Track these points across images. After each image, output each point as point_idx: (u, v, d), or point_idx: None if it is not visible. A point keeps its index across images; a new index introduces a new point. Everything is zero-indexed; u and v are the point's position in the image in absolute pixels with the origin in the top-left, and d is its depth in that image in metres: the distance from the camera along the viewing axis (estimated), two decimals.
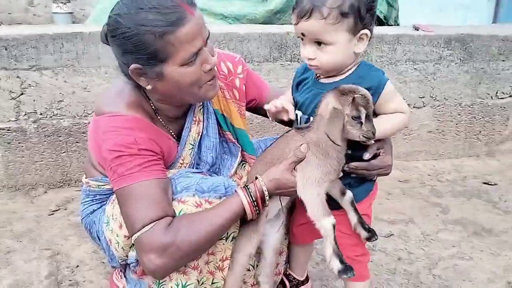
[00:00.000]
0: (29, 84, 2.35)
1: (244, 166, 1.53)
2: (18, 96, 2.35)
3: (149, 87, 1.22)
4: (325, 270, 1.88)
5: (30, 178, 2.51)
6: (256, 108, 1.58)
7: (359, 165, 1.33)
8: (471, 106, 3.08)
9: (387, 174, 1.38)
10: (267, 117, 1.59)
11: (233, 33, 2.51)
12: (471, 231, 2.24)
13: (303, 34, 1.24)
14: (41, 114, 2.41)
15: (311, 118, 1.31)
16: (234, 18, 3.04)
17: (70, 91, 2.40)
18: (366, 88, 1.23)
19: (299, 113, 1.36)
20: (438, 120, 3.04)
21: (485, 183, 2.77)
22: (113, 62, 1.25)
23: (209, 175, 1.33)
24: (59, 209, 2.35)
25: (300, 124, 1.36)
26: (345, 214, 1.38)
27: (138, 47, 1.13)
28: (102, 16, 2.99)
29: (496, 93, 3.11)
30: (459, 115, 3.08)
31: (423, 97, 2.97)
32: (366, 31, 1.23)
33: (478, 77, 3.05)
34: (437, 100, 3.01)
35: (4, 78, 2.31)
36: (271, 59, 2.62)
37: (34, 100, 2.38)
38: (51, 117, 2.42)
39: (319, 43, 1.22)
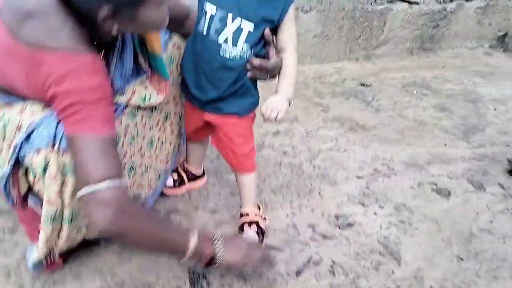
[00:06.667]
0: None
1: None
2: None
3: (114, 33, 1.12)
4: (219, 166, 2.03)
5: None
6: None
7: (263, 62, 1.38)
8: (353, 11, 3.27)
9: (276, 75, 1.47)
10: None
11: None
12: (347, 127, 2.52)
13: None
14: None
15: (228, 15, 1.33)
16: None
17: None
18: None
19: (212, 8, 1.35)
20: (323, 25, 3.21)
21: (361, 84, 3.05)
22: None
23: None
24: None
25: (212, 22, 1.35)
26: (240, 118, 1.50)
27: None
28: None
29: None
30: (342, 19, 3.26)
31: (310, 1, 3.08)
32: None
33: None
34: (323, 5, 3.15)
35: None
36: None
37: None
38: None
39: None
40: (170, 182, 1.78)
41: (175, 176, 1.80)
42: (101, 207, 1.10)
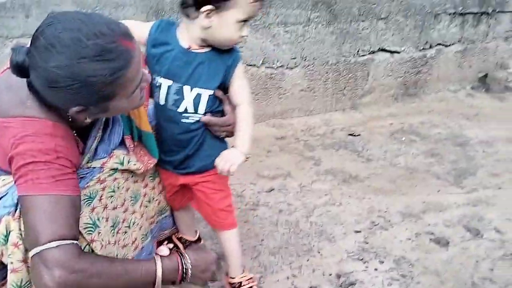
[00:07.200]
0: None
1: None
2: None
3: (88, 120, 1.17)
4: None
5: None
6: None
7: (211, 119, 1.42)
8: (336, 64, 3.37)
9: (233, 133, 1.48)
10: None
11: None
12: (340, 179, 2.53)
13: (252, 17, 1.32)
14: None
15: (184, 87, 1.37)
16: None
17: None
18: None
19: (167, 82, 1.39)
20: (309, 79, 3.29)
21: (350, 134, 3.10)
22: None
23: None
24: None
25: (169, 94, 1.39)
26: (213, 173, 1.49)
27: (85, 95, 1.06)
28: None
29: (358, 51, 3.43)
30: (327, 73, 3.35)
31: (294, 58, 3.17)
32: None
33: (342, 37, 3.32)
34: (307, 60, 3.24)
35: None
36: None
37: None
38: None
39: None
40: (166, 252, 1.75)
41: (171, 245, 1.77)
42: (47, 269, 1.08)
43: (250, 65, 3.05)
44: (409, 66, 3.68)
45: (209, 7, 1.27)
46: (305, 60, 3.22)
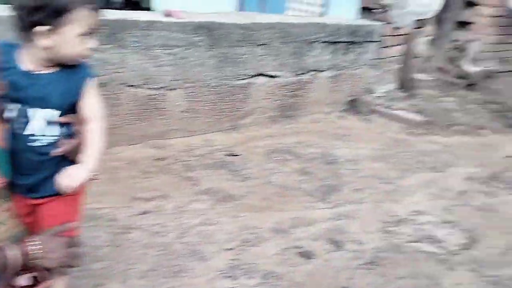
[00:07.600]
0: None
1: None
2: None
3: None
4: None
5: None
6: None
7: (61, 150, 1.40)
8: (218, 87, 3.47)
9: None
10: None
11: None
12: (218, 198, 2.60)
13: (94, 29, 1.29)
14: None
15: (30, 110, 1.34)
16: None
17: None
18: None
19: (14, 106, 1.34)
20: (190, 101, 3.34)
21: (229, 154, 3.20)
22: None
23: None
24: None
25: (19, 117, 1.35)
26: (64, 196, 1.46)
27: None
28: None
29: (238, 75, 3.56)
30: (208, 95, 3.44)
31: (176, 80, 3.22)
32: None
33: (223, 61, 3.44)
34: (189, 82, 3.30)
35: None
36: None
37: None
38: None
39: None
40: (26, 281, 1.67)
41: (31, 274, 1.69)
42: None
43: (131, 85, 3.03)
44: (286, 90, 3.90)
45: (43, 27, 1.24)
46: (186, 82, 3.28)
